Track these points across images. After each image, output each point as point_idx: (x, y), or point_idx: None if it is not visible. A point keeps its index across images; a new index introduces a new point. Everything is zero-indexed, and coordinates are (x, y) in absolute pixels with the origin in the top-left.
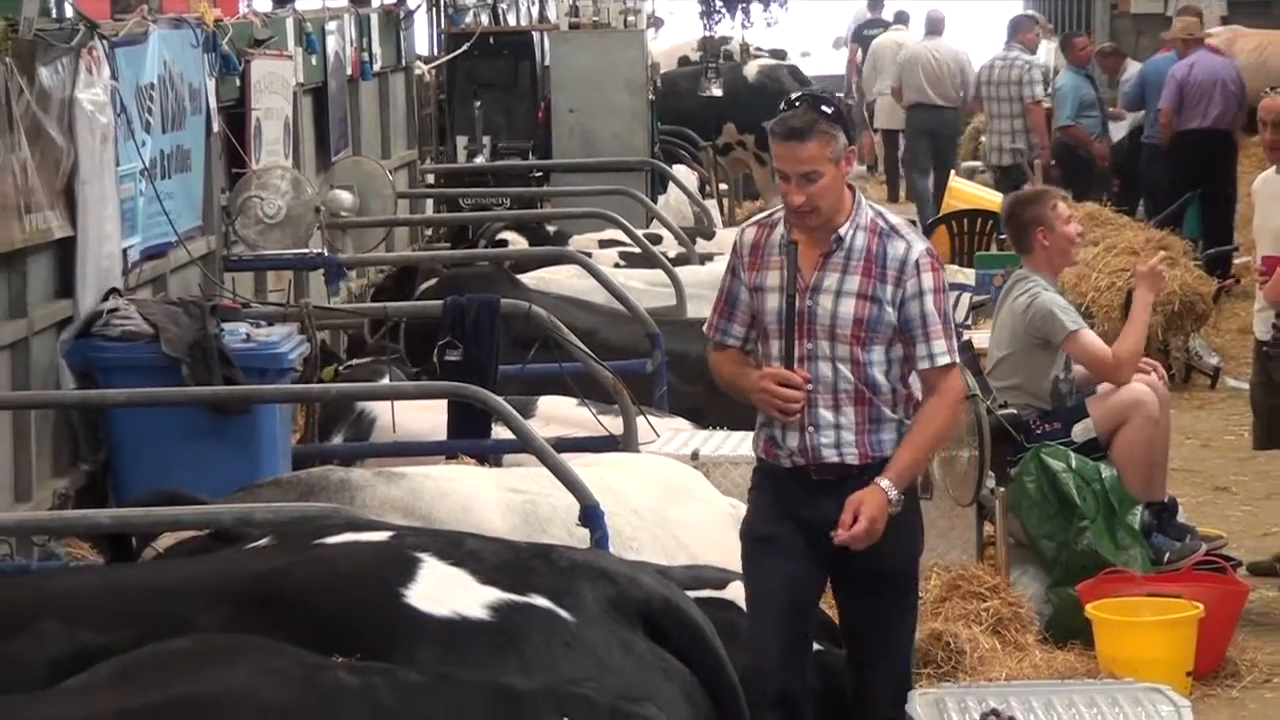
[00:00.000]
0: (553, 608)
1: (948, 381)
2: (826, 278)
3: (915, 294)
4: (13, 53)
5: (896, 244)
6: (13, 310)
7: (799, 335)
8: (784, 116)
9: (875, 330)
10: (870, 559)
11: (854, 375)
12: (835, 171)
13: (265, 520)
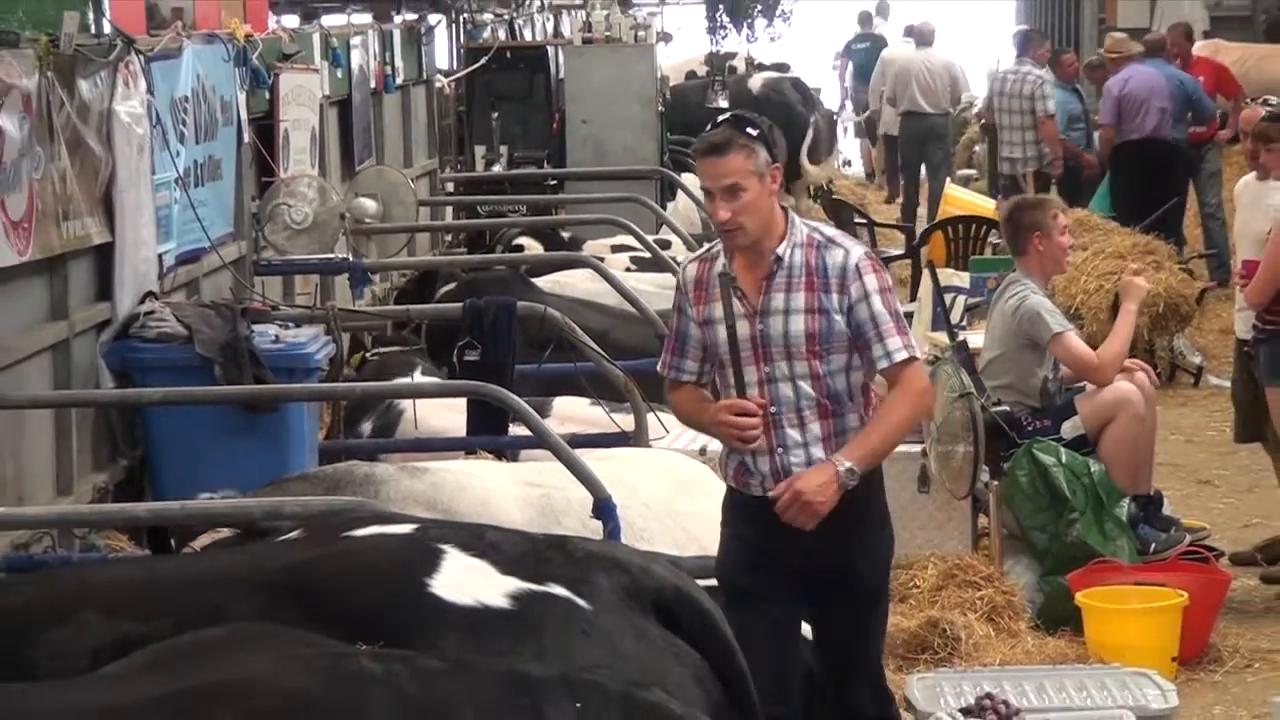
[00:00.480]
0: (570, 596)
1: (908, 374)
2: (773, 299)
3: (861, 297)
4: (54, 67)
5: (835, 253)
6: (54, 313)
7: (756, 360)
8: (705, 134)
9: (830, 341)
10: (844, 571)
11: (815, 390)
12: (760, 187)
13: (294, 514)
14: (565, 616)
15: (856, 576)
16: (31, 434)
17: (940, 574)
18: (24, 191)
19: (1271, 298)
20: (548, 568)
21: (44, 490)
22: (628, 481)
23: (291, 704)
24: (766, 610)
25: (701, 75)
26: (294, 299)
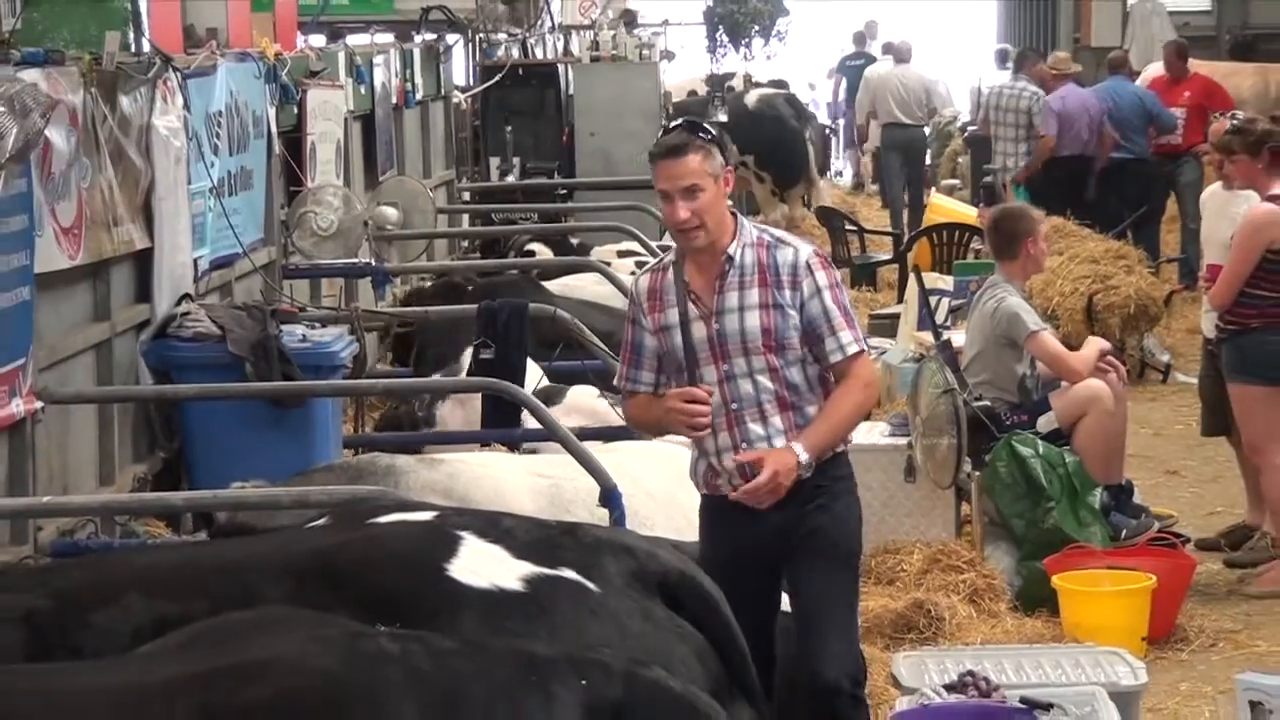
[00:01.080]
0: (580, 580)
1: (857, 366)
2: (727, 298)
3: (813, 292)
4: (97, 83)
5: (785, 251)
6: (97, 314)
7: (714, 359)
8: (661, 139)
9: (785, 336)
10: (813, 535)
11: (773, 383)
12: (715, 189)
13: (320, 502)
14: (576, 598)
15: (826, 540)
16: (76, 427)
17: (925, 559)
18: (73, 200)
19: (1233, 300)
20: (559, 553)
21: (88, 480)
22: (632, 472)
23: (315, 681)
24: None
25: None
26: (320, 301)
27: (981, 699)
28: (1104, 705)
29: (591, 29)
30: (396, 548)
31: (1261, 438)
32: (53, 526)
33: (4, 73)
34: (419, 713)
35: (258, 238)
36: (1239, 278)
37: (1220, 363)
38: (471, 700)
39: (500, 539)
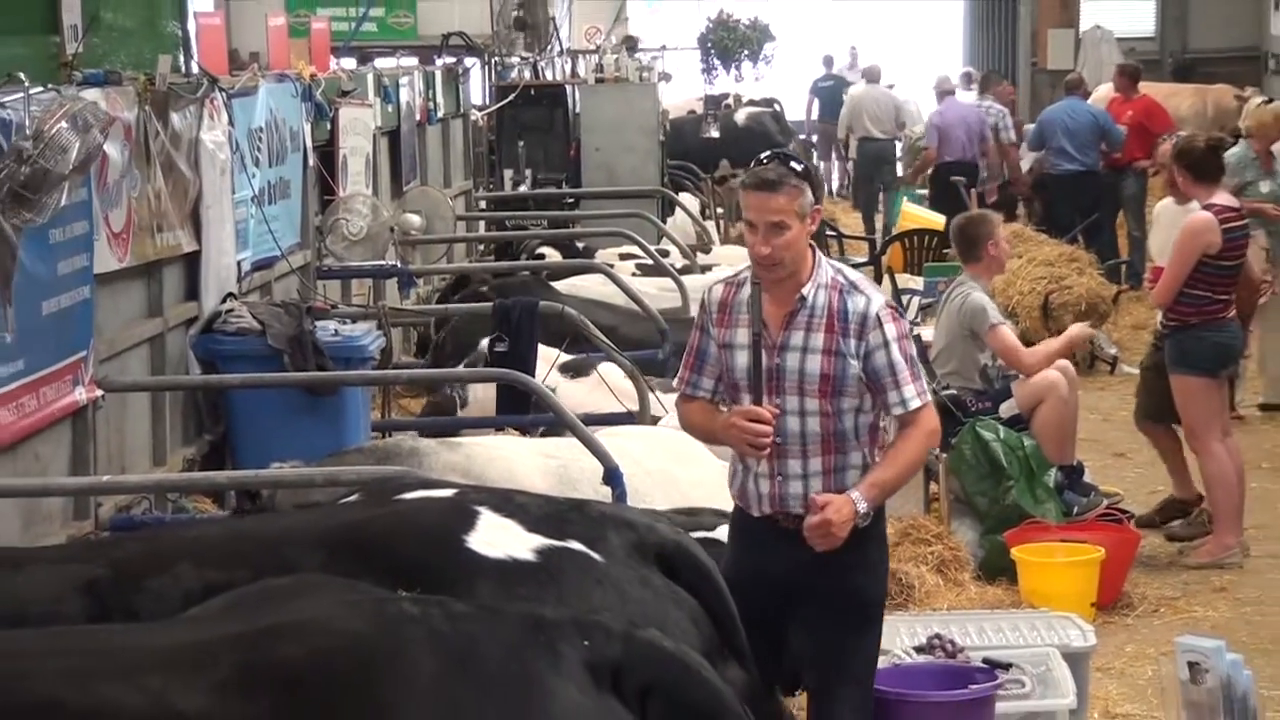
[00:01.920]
0: (586, 551)
1: (920, 417)
2: (793, 336)
3: (880, 345)
4: (150, 102)
5: (857, 299)
6: (150, 310)
7: (769, 391)
8: (757, 169)
9: (843, 383)
10: (841, 585)
11: (821, 427)
12: (801, 227)
13: (350, 481)
14: (582, 568)
15: (855, 591)
16: (132, 414)
17: (897, 532)
18: (123, 207)
19: (1174, 300)
20: (567, 526)
21: (142, 461)
22: (632, 453)
23: (345, 641)
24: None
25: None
26: (350, 299)
27: (948, 659)
28: (1057, 665)
29: (596, 53)
30: (420, 522)
31: (1199, 424)
32: (111, 503)
33: (68, 92)
34: (437, 668)
35: (294, 242)
36: (1178, 280)
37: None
38: (485, 658)
39: (514, 514)
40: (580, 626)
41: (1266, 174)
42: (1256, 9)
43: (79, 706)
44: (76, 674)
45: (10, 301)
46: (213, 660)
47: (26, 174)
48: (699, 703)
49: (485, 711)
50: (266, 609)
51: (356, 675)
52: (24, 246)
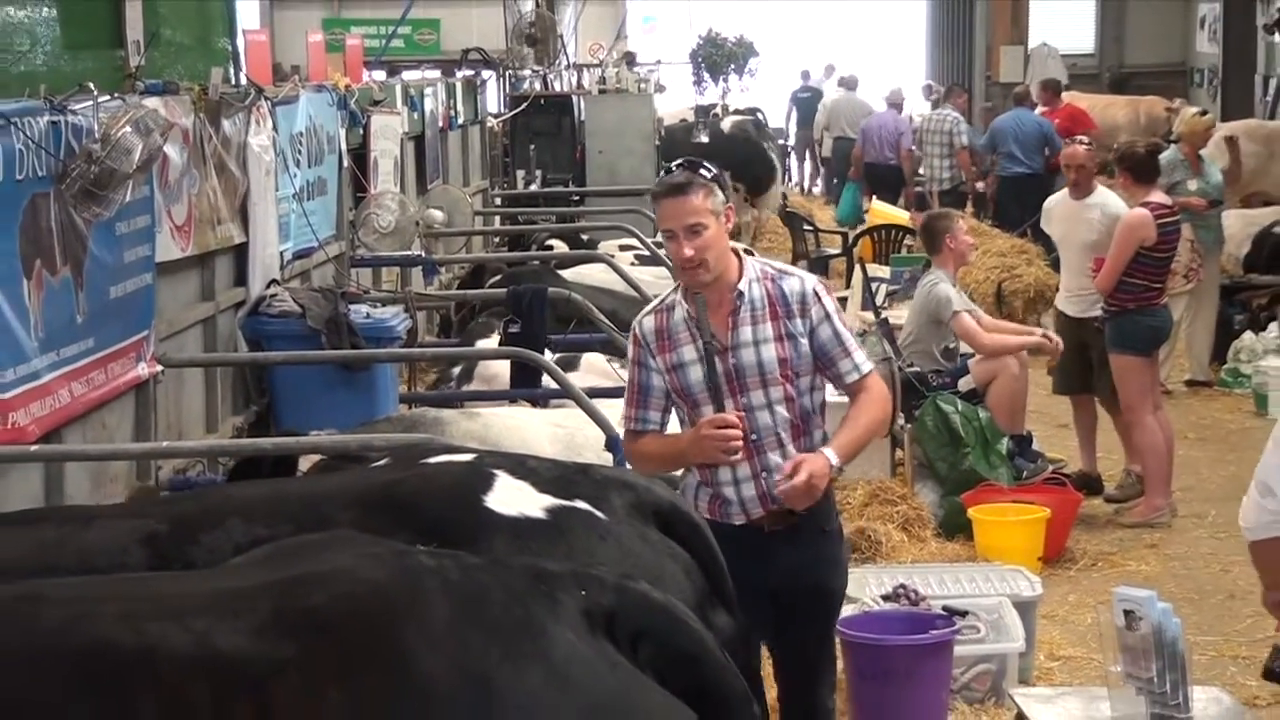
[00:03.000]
0: (591, 510)
1: (871, 383)
2: (741, 333)
3: (823, 318)
4: (204, 110)
5: (790, 281)
6: (204, 295)
7: (732, 394)
8: (664, 178)
9: (799, 364)
10: (816, 586)
11: (789, 412)
12: (717, 226)
13: (381, 446)
14: (587, 525)
15: (826, 589)
16: (187, 387)
17: (866, 494)
18: (184, 203)
19: (1114, 287)
20: (574, 488)
21: (197, 429)
22: None
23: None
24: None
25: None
26: (380, 286)
27: (911, 607)
28: (1008, 612)
29: (599, 67)
30: (443, 483)
31: (1134, 398)
32: (169, 466)
33: (132, 100)
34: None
35: (330, 234)
36: (1118, 269)
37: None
38: (492, 604)
39: (526, 476)
40: (578, 578)
41: (1194, 174)
42: (1184, 29)
43: (132, 645)
44: (130, 616)
45: (82, 286)
46: (251, 605)
47: (95, 173)
48: (684, 648)
49: (491, 652)
50: (299, 560)
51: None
52: (93, 237)
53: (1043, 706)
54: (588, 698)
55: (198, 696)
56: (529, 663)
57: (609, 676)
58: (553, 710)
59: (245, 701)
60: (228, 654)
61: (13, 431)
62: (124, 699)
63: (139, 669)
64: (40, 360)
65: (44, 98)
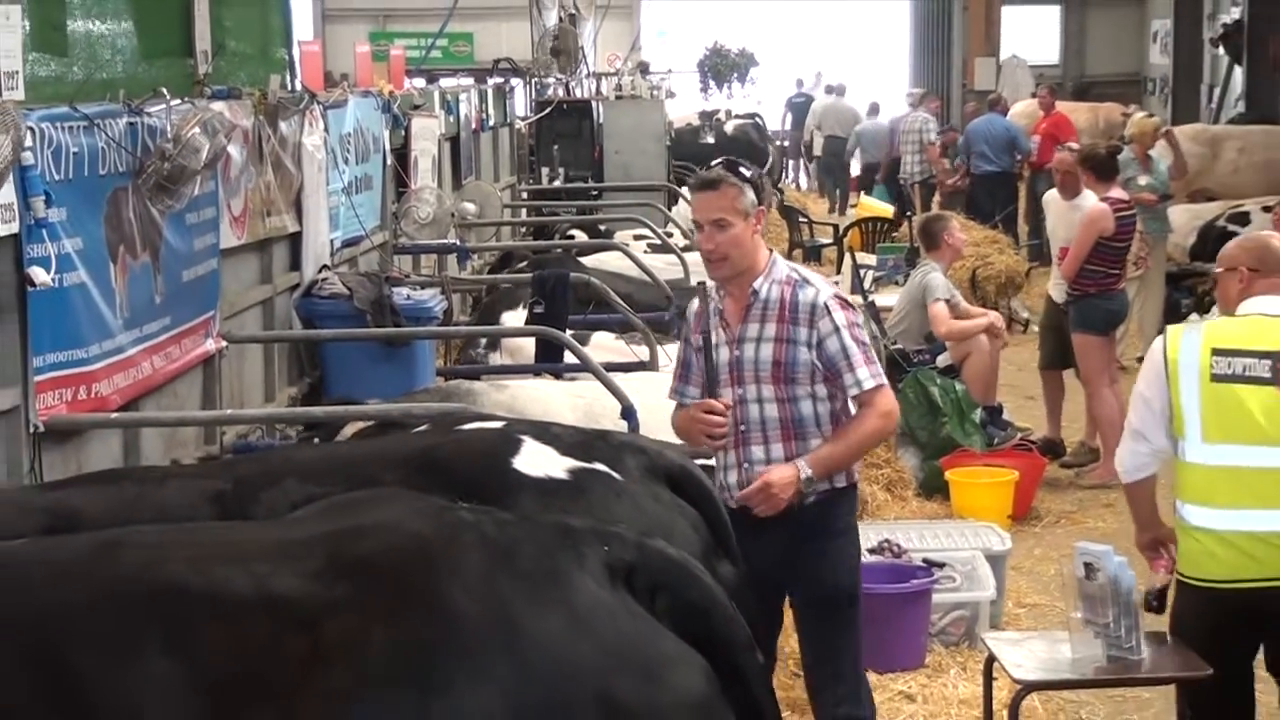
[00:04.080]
0: (608, 471)
1: (876, 397)
2: (749, 328)
3: (830, 331)
4: (263, 113)
5: (807, 291)
6: (262, 278)
7: (732, 382)
8: (700, 173)
9: (793, 370)
10: (811, 579)
11: (779, 413)
12: (744, 225)
13: (421, 414)
14: (605, 485)
15: (822, 584)
16: (248, 361)
17: None
18: (241, 196)
19: (1077, 273)
20: (593, 452)
21: (256, 399)
22: (644, 394)
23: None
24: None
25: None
26: (419, 270)
27: (894, 559)
28: (981, 564)
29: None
30: (476, 447)
31: (1093, 373)
32: (233, 432)
33: (200, 104)
34: (485, 563)
35: (375, 224)
36: (1080, 257)
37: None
38: (523, 556)
39: (551, 441)
40: (600, 535)
41: (1144, 171)
42: (1138, 43)
43: (200, 586)
44: (198, 560)
45: (159, 270)
46: (307, 553)
47: (168, 169)
48: (696, 599)
49: (518, 598)
50: (351, 514)
51: (420, 566)
52: (167, 227)
53: (1011, 649)
54: (607, 642)
55: (257, 631)
56: (554, 608)
57: (628, 624)
58: (574, 652)
59: (299, 637)
60: (284, 595)
61: (96, 400)
62: (192, 632)
63: (205, 606)
64: (124, 336)
65: (123, 101)
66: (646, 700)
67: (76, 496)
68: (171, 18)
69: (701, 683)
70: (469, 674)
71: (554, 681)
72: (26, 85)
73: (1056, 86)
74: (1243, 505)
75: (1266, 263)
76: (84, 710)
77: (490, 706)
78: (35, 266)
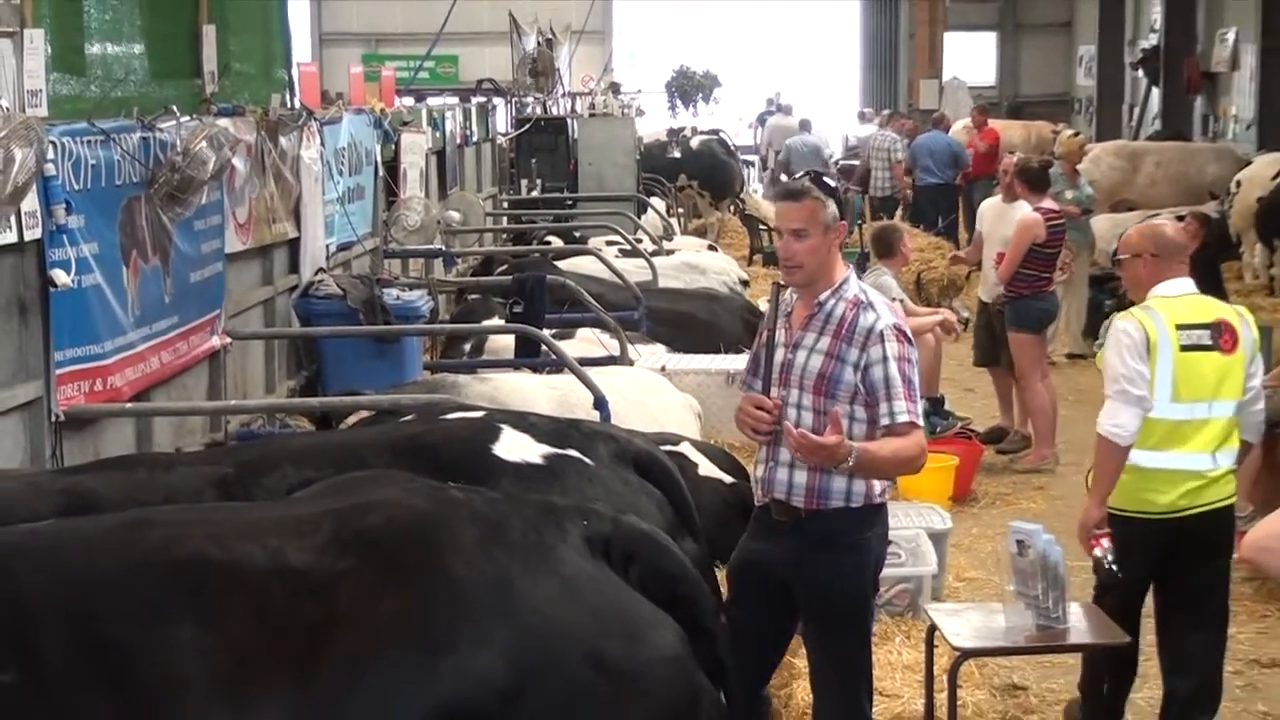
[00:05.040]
0: (581, 457)
1: (905, 430)
2: (807, 336)
3: (879, 360)
4: (265, 128)
5: (868, 315)
6: (264, 280)
7: (781, 383)
8: (786, 183)
9: (836, 385)
10: (817, 591)
11: (815, 423)
12: (823, 238)
13: (408, 405)
14: (578, 470)
15: (831, 594)
16: (251, 355)
17: None
18: (246, 205)
19: (1013, 276)
20: (567, 439)
21: (258, 390)
22: (615, 386)
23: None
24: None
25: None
26: (408, 273)
27: None
28: (924, 542)
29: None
30: (459, 434)
31: (1027, 367)
32: (236, 421)
33: (207, 120)
34: (477, 535)
35: (367, 231)
36: (1015, 262)
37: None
38: (511, 529)
39: (527, 429)
40: (580, 511)
41: (1071, 185)
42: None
43: (220, 558)
44: (218, 536)
45: (169, 273)
46: (315, 527)
47: (177, 180)
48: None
49: (512, 567)
50: (354, 492)
51: (419, 538)
52: (176, 233)
53: (950, 619)
54: (594, 607)
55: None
56: (544, 575)
57: (609, 591)
58: (566, 615)
59: (312, 604)
60: (296, 566)
61: (110, 392)
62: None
63: (226, 577)
64: (135, 334)
65: (136, 118)
66: (629, 658)
67: (93, 480)
68: (181, 41)
69: (676, 641)
70: (471, 636)
71: (548, 642)
72: (49, 103)
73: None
74: (1193, 450)
75: (1164, 247)
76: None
77: (492, 665)
78: (57, 269)
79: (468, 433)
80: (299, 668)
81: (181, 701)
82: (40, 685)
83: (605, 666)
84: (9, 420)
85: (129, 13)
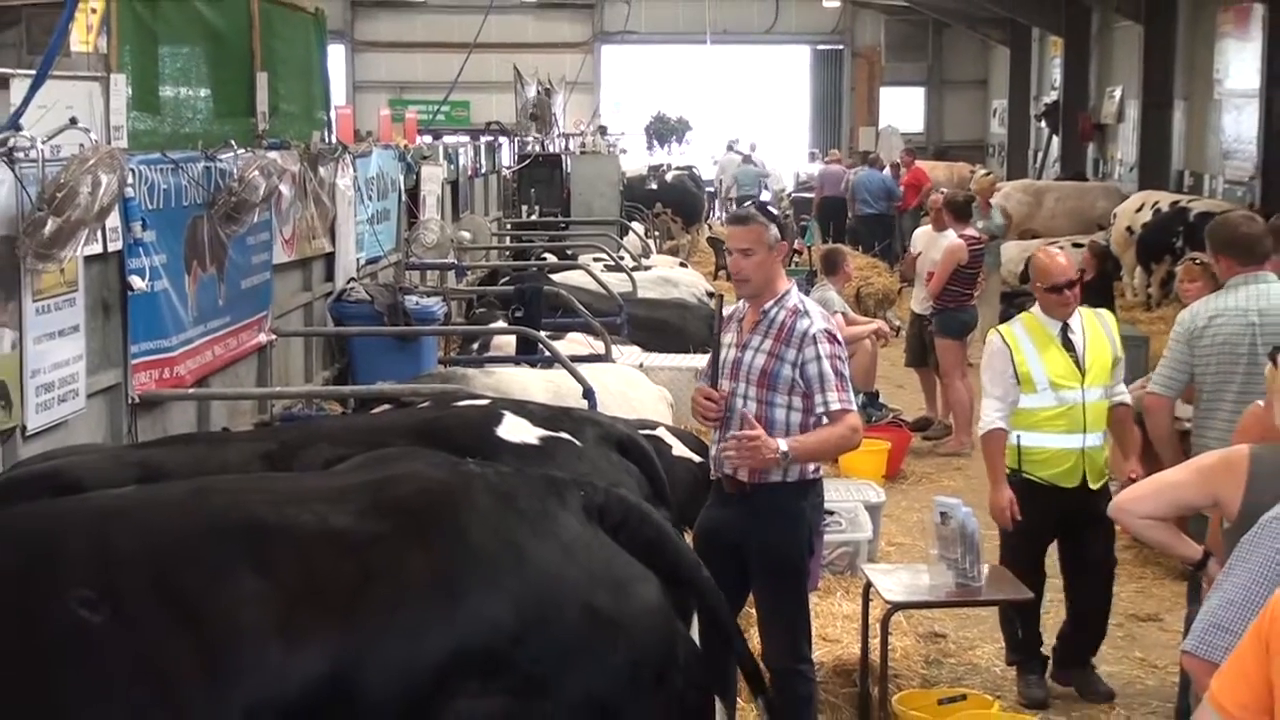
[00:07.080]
0: (571, 439)
1: (843, 417)
2: (754, 339)
3: (813, 358)
4: (307, 160)
5: (804, 321)
6: (304, 286)
7: (731, 377)
8: (736, 210)
9: (776, 379)
10: (763, 548)
11: (758, 411)
12: (766, 255)
13: (426, 393)
14: (569, 450)
15: (772, 553)
16: (292, 350)
17: None
18: (290, 224)
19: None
20: (559, 424)
21: (298, 379)
22: (600, 380)
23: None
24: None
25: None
26: (426, 283)
27: None
28: (862, 512)
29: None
30: (468, 418)
31: (950, 368)
32: (280, 405)
33: (259, 153)
34: (492, 503)
35: (391, 247)
36: (943, 280)
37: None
38: (520, 497)
39: (526, 415)
40: (578, 484)
41: (984, 217)
42: (983, 117)
43: (274, 521)
44: (270, 502)
45: (223, 280)
46: (355, 496)
47: (233, 202)
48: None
49: (522, 529)
50: (387, 466)
51: (444, 505)
52: (232, 247)
53: (883, 577)
54: (588, 565)
55: (320, 557)
56: (548, 538)
57: (601, 551)
58: (565, 571)
59: (352, 562)
60: (340, 529)
61: (175, 379)
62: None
63: (280, 538)
64: (194, 330)
65: (201, 150)
66: (619, 607)
67: (162, 454)
68: (239, 86)
69: (658, 595)
70: (484, 586)
71: (550, 593)
72: (129, 137)
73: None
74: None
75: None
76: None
77: (502, 612)
78: (133, 275)
79: (476, 417)
80: (341, 613)
81: (242, 641)
82: (126, 625)
83: (597, 615)
84: (95, 401)
85: (196, 62)
